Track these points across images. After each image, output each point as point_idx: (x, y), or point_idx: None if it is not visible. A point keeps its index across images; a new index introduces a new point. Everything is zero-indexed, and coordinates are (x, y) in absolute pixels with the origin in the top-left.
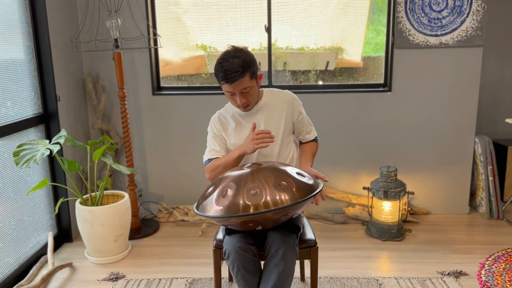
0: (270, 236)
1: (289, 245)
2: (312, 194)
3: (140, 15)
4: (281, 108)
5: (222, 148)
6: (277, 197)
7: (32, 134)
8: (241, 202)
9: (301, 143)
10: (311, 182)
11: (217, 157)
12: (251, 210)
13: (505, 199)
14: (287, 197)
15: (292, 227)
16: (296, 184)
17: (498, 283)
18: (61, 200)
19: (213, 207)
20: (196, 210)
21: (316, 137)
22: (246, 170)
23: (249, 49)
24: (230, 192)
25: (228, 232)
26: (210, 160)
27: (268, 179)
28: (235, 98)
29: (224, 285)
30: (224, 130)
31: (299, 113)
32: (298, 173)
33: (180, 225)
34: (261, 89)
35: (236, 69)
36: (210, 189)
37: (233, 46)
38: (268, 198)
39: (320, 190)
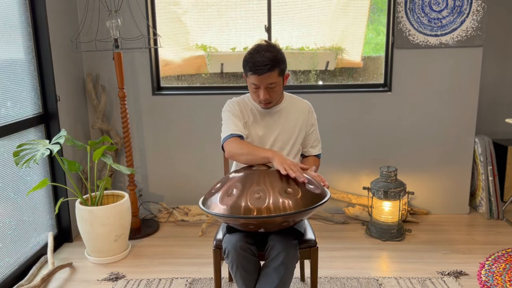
0: (272, 240)
1: (291, 250)
2: (316, 205)
3: (140, 15)
4: (298, 116)
5: (243, 126)
6: (280, 204)
7: (32, 134)
8: (244, 204)
9: (303, 156)
10: (318, 191)
11: (241, 136)
12: (253, 214)
13: (505, 199)
14: (290, 205)
15: (295, 232)
16: (302, 192)
17: (498, 283)
18: (61, 200)
19: (218, 206)
20: (201, 206)
21: (320, 154)
22: (254, 172)
23: (249, 49)
24: (235, 192)
25: (229, 230)
26: (232, 135)
27: (274, 183)
28: (258, 93)
29: (224, 285)
30: (243, 118)
31: (312, 125)
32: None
33: (180, 225)
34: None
35: (267, 63)
36: (218, 185)
37: (266, 41)
38: (271, 203)
39: (326, 201)
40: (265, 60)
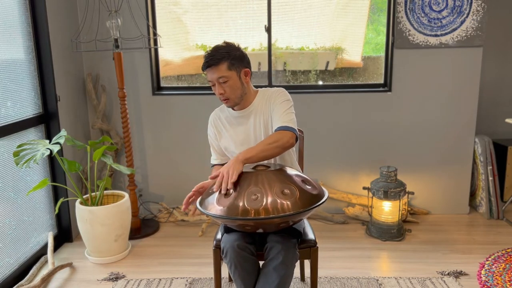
0: (271, 240)
1: (290, 250)
2: (313, 206)
3: (140, 15)
4: (267, 108)
5: (218, 154)
6: (278, 205)
7: (32, 134)
8: (240, 205)
9: None
10: (315, 192)
11: (216, 165)
12: (249, 215)
13: (505, 199)
14: (288, 206)
15: (294, 231)
16: (300, 193)
17: (498, 283)
18: (61, 200)
19: (214, 206)
20: (198, 206)
21: (286, 126)
22: (251, 172)
23: (249, 49)
24: (232, 193)
25: (227, 230)
26: (212, 165)
27: (271, 184)
28: (215, 89)
29: (224, 285)
30: (218, 133)
31: (275, 105)
32: (303, 181)
33: (180, 225)
34: (258, 89)
35: (213, 56)
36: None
37: (225, 42)
38: (268, 204)
39: (323, 202)
40: (211, 55)
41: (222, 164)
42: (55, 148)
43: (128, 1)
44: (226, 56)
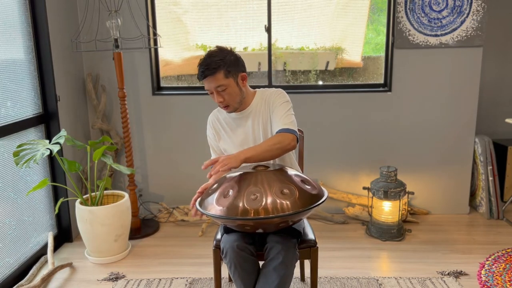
0: (271, 240)
1: (290, 250)
2: (313, 206)
3: (140, 15)
4: (266, 110)
5: (217, 155)
6: (277, 205)
7: (32, 134)
8: (240, 205)
9: None
10: (314, 192)
11: None
12: (249, 215)
13: (505, 199)
14: (288, 205)
15: (293, 231)
16: (299, 192)
17: (498, 283)
18: (61, 200)
19: (214, 207)
20: (198, 207)
21: (288, 128)
22: (251, 172)
23: (249, 49)
24: (231, 193)
25: (227, 230)
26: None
27: (271, 184)
28: (214, 97)
29: (224, 285)
30: (217, 135)
31: (274, 107)
32: (302, 181)
33: (180, 225)
34: (255, 89)
35: (207, 66)
36: (214, 186)
37: (217, 46)
38: (268, 204)
39: (323, 201)
40: (207, 64)
41: None
42: (55, 148)
43: (128, 1)
44: (221, 64)
